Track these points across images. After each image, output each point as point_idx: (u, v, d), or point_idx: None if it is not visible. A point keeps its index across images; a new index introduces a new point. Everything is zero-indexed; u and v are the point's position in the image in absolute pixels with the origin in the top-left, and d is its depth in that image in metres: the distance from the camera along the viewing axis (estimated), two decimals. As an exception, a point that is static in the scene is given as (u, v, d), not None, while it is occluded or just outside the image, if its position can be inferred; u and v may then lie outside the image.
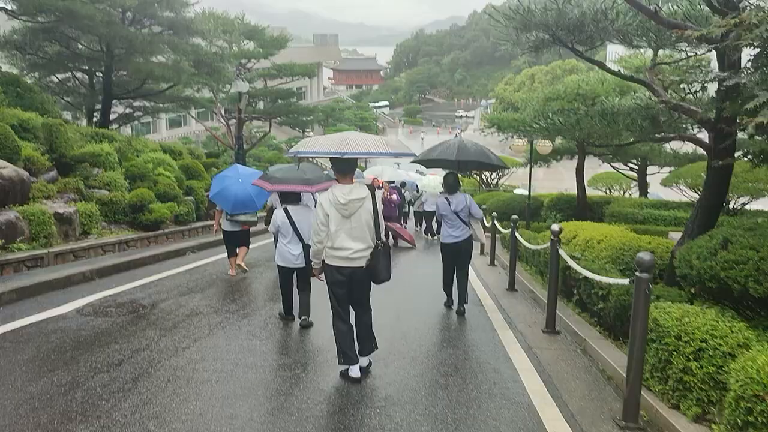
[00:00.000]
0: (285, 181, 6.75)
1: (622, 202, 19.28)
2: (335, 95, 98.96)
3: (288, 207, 6.72)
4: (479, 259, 13.72)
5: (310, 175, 6.75)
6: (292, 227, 6.58)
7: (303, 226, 6.53)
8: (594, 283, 6.63)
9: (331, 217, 4.85)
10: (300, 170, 6.90)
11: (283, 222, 6.63)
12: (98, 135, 15.88)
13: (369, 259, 4.89)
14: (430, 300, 8.66)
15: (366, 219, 4.89)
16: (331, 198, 4.87)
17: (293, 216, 6.61)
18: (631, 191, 33.74)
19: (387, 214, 16.00)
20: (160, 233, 13.09)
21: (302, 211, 6.69)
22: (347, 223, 4.85)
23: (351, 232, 4.86)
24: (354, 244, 4.86)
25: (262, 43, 31.36)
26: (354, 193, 4.86)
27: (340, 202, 4.82)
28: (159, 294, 8.15)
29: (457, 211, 7.71)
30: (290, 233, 6.62)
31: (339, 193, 4.86)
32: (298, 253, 6.60)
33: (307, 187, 6.60)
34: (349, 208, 4.84)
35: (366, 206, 4.89)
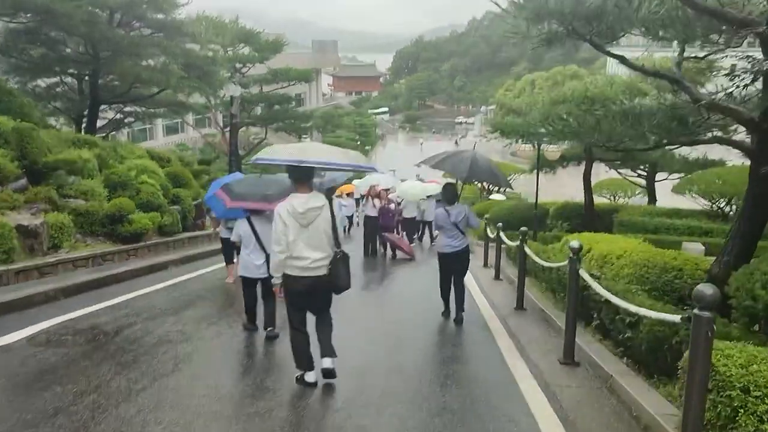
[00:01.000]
0: (245, 198, 6.69)
1: (631, 210, 18.41)
2: (334, 102, 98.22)
3: (251, 217, 6.66)
4: (483, 271, 12.86)
5: (272, 190, 6.63)
6: (254, 237, 6.55)
7: (266, 236, 6.37)
8: (620, 308, 5.74)
9: (289, 226, 4.82)
10: (262, 184, 6.87)
11: (245, 232, 6.60)
12: (79, 141, 15.01)
13: (328, 267, 4.91)
14: (428, 324, 7.79)
15: (324, 228, 4.91)
16: (288, 208, 4.84)
17: (256, 226, 6.58)
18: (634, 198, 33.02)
19: (385, 224, 15.11)
20: (142, 246, 12.22)
21: (265, 222, 6.52)
22: (305, 232, 4.84)
23: (309, 241, 4.85)
24: (312, 254, 4.86)
25: (258, 47, 30.55)
26: (311, 202, 4.86)
27: (298, 212, 4.81)
28: (127, 317, 7.26)
29: (456, 222, 7.77)
30: (252, 243, 6.58)
31: (296, 202, 4.85)
32: (260, 263, 6.55)
33: (266, 204, 6.45)
34: (307, 217, 4.83)
35: (324, 215, 4.91)
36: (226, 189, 7.14)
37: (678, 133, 6.65)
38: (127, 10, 18.74)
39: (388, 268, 13.36)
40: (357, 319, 7.76)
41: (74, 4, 15.11)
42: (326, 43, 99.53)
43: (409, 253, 14.74)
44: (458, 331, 7.48)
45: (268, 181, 7.04)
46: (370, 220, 15.23)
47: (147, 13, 19.33)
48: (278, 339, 6.31)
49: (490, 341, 6.94)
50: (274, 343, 6.35)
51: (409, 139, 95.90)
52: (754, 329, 4.80)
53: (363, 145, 74.70)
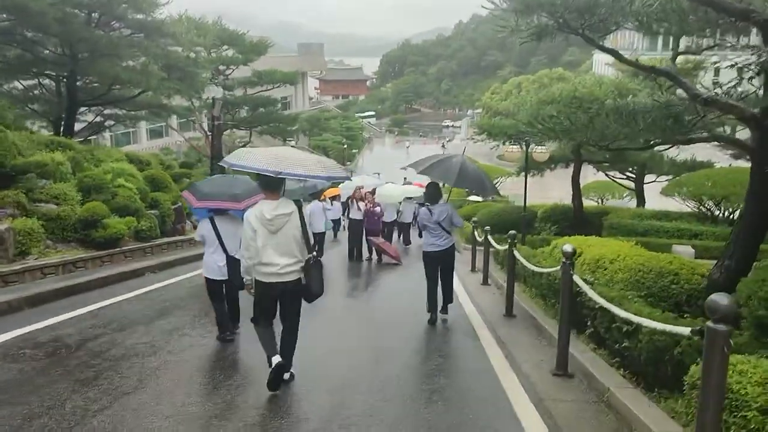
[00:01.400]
0: (212, 197, 6.49)
1: (620, 213, 18.18)
2: (321, 105, 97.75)
3: (214, 217, 6.53)
4: (471, 276, 12.53)
5: (239, 189, 6.50)
6: (216, 238, 6.43)
7: (228, 237, 6.42)
8: (617, 317, 5.40)
9: (257, 232, 4.81)
10: (229, 183, 6.72)
11: (208, 232, 6.47)
12: (54, 143, 14.51)
13: (300, 273, 4.94)
14: (414, 333, 7.42)
15: (293, 234, 4.90)
16: (257, 213, 4.84)
17: (219, 226, 6.45)
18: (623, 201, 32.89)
19: (370, 228, 14.73)
20: (117, 252, 11.74)
21: (228, 222, 6.52)
22: (274, 238, 4.84)
23: (278, 247, 4.85)
24: (281, 260, 4.85)
25: (242, 49, 30.11)
26: (280, 209, 4.85)
27: (266, 218, 4.80)
28: (94, 329, 6.83)
29: (440, 220, 7.79)
30: (215, 244, 6.47)
31: (265, 208, 4.84)
32: (222, 264, 6.45)
33: (235, 203, 6.35)
34: (275, 224, 4.82)
35: (293, 221, 4.90)
36: (192, 189, 6.90)
37: (673, 132, 6.34)
38: (105, 10, 18.24)
39: (374, 274, 12.98)
40: (339, 329, 7.38)
41: (48, 2, 14.61)
42: (312, 46, 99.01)
43: (395, 257, 14.36)
44: (446, 341, 7.13)
45: (236, 181, 6.88)
46: (355, 224, 14.85)
47: (126, 13, 18.82)
48: (251, 352, 5.89)
49: (479, 351, 6.58)
50: (247, 357, 5.95)
51: (396, 142, 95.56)
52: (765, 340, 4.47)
53: (350, 149, 74.33)
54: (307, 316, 8.16)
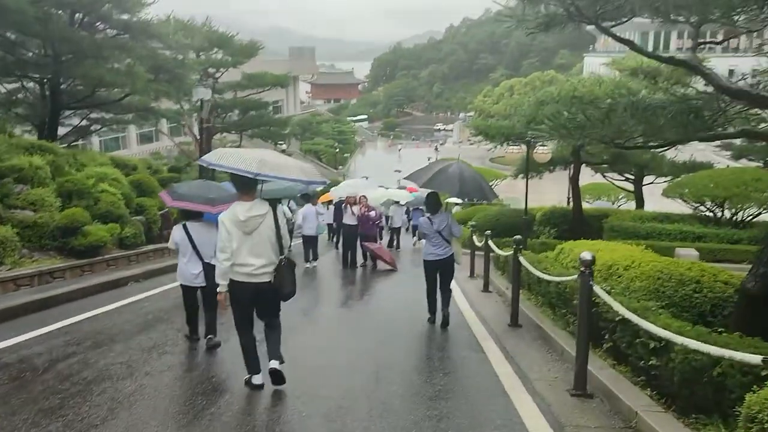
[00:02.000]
0: (188, 198, 6.37)
1: (621, 215, 17.72)
2: (312, 109, 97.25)
3: (187, 223, 6.37)
4: (470, 283, 12.01)
5: (214, 194, 6.41)
6: (190, 245, 6.30)
7: (202, 244, 6.29)
8: (641, 331, 4.90)
9: (232, 234, 4.84)
10: (206, 187, 6.65)
11: (182, 238, 6.35)
12: (34, 147, 13.91)
13: (273, 274, 4.94)
14: (414, 346, 6.90)
15: (268, 235, 4.93)
16: (231, 215, 4.87)
17: (192, 233, 6.32)
18: (619, 203, 32.52)
19: (365, 233, 14.19)
20: (99, 260, 11.16)
21: (203, 228, 6.38)
22: (249, 239, 4.86)
23: (252, 248, 4.88)
24: (256, 261, 4.89)
25: (231, 52, 29.53)
26: (254, 210, 4.88)
27: (239, 219, 4.83)
28: (66, 347, 6.25)
29: (440, 230, 7.95)
30: (189, 251, 6.34)
31: (239, 209, 4.87)
32: (198, 272, 6.35)
33: (209, 207, 6.21)
34: (249, 225, 4.85)
35: (267, 222, 4.92)
36: (169, 190, 6.88)
37: (695, 127, 5.84)
38: (88, 10, 17.64)
39: (369, 281, 12.44)
40: (334, 343, 6.84)
41: (27, 0, 14.01)
42: (304, 50, 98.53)
43: (390, 263, 13.83)
44: (450, 355, 6.59)
45: (213, 186, 6.85)
46: (349, 229, 14.30)
47: (110, 13, 18.23)
48: (236, 374, 5.34)
49: (486, 367, 6.05)
50: (231, 379, 5.39)
51: (389, 146, 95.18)
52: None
53: (342, 153, 73.83)
54: (300, 328, 7.67)
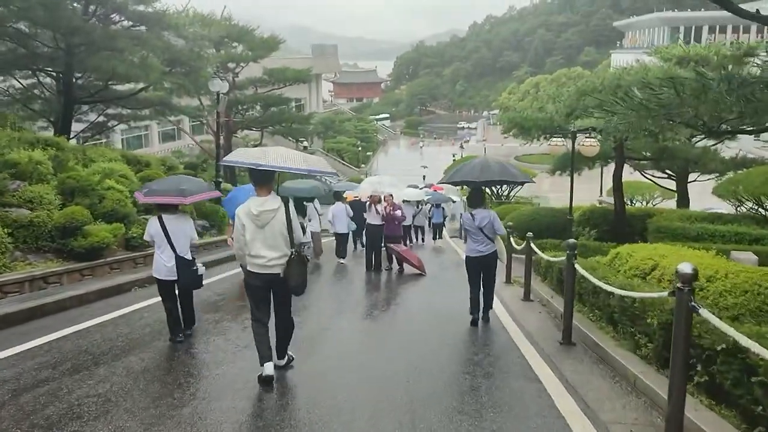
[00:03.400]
0: (159, 193, 6.37)
1: (667, 215, 16.35)
2: (335, 108, 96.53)
3: (162, 215, 6.34)
4: (508, 290, 10.84)
5: (186, 185, 6.43)
6: (165, 237, 6.28)
7: (177, 236, 6.32)
8: (761, 366, 3.73)
9: (246, 227, 5.07)
10: (176, 181, 6.68)
11: (156, 231, 6.32)
12: (40, 142, 13.10)
13: (283, 266, 5.11)
14: (451, 371, 5.78)
15: (279, 229, 5.10)
16: (245, 209, 5.08)
17: (167, 225, 6.29)
18: (654, 201, 31.03)
19: (390, 234, 13.08)
20: (101, 263, 10.22)
21: (178, 221, 6.39)
22: (261, 232, 5.06)
23: (265, 241, 5.08)
24: (268, 253, 5.09)
25: (251, 46, 28.65)
26: (266, 205, 5.06)
27: (252, 213, 5.03)
28: (39, 370, 5.26)
29: (481, 226, 7.80)
30: (164, 243, 6.31)
31: (253, 204, 5.07)
32: (171, 265, 6.32)
33: (181, 198, 6.23)
34: (262, 219, 5.04)
35: (278, 217, 5.09)
36: (143, 187, 6.98)
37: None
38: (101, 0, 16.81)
39: (395, 288, 11.33)
40: (356, 370, 5.74)
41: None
42: (326, 48, 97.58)
43: (418, 267, 12.71)
44: (498, 383, 5.46)
45: (186, 179, 6.90)
46: (374, 230, 13.20)
47: (125, 3, 17.39)
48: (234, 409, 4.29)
49: (545, 402, 4.91)
50: (230, 415, 4.34)
51: (411, 144, 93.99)
52: None
53: (364, 151, 72.89)
54: (316, 348, 6.63)
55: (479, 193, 8.18)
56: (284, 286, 5.14)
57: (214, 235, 16.77)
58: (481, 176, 8.14)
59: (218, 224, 17.29)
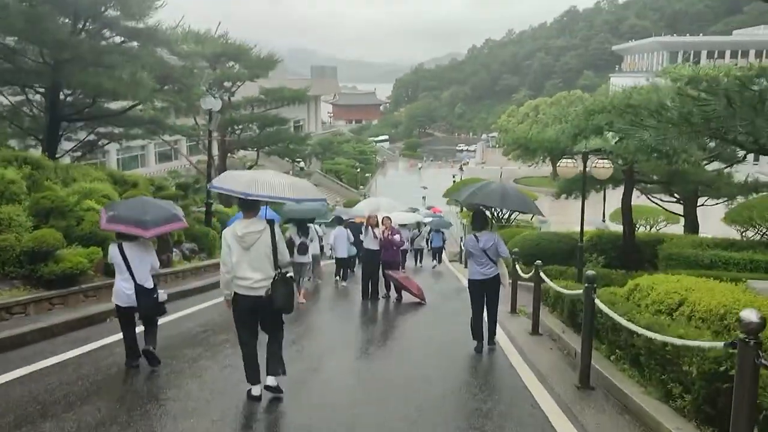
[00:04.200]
0: (120, 220, 6.19)
1: (678, 241, 15.63)
2: (334, 129, 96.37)
3: (123, 243, 6.25)
4: (513, 321, 10.07)
5: (150, 215, 6.20)
6: (125, 265, 6.19)
7: (137, 264, 6.23)
8: None
9: (232, 248, 5.20)
10: (141, 206, 6.42)
11: (116, 258, 6.24)
12: (18, 159, 12.40)
13: (268, 288, 5.17)
14: (463, 426, 4.99)
15: (264, 250, 5.21)
16: (231, 231, 5.25)
17: (127, 253, 6.21)
18: (659, 226, 30.39)
19: (388, 260, 12.32)
20: (75, 291, 9.43)
21: (138, 248, 6.30)
22: (247, 254, 5.18)
23: (251, 263, 5.18)
24: (254, 274, 5.18)
25: (248, 64, 28.12)
26: (252, 227, 5.20)
27: (238, 235, 5.17)
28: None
29: (485, 248, 7.74)
30: (124, 270, 6.24)
31: (239, 226, 5.23)
32: (131, 292, 6.24)
33: (141, 230, 6.08)
34: (247, 240, 5.16)
35: (263, 239, 5.20)
36: (108, 207, 6.72)
37: None
38: (90, 14, 16.21)
39: (393, 319, 10.54)
40: (348, 419, 4.95)
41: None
42: (326, 70, 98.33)
43: (418, 295, 11.94)
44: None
45: (152, 206, 6.52)
46: (370, 255, 12.43)
47: (115, 17, 16.81)
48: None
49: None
50: None
51: (410, 166, 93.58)
52: None
53: (363, 172, 72.33)
54: (302, 393, 5.83)
55: (483, 216, 8.11)
56: (270, 307, 5.20)
57: (204, 258, 16.00)
58: (502, 204, 8.28)
59: (208, 247, 16.53)
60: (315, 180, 60.80)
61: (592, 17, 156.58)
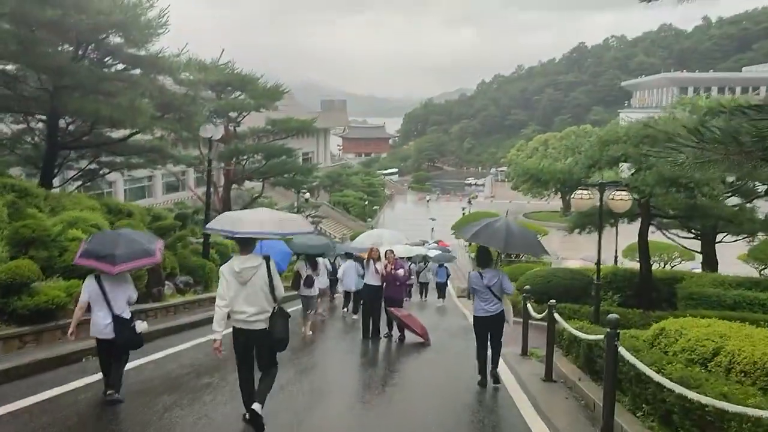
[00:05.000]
0: (91, 255, 6.16)
1: (698, 280, 14.81)
2: (343, 162, 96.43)
3: (101, 276, 6.23)
4: (525, 365, 9.30)
5: (121, 250, 6.17)
6: (102, 296, 6.18)
7: (115, 295, 6.23)
8: None
9: (229, 283, 5.38)
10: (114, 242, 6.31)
11: (94, 290, 6.22)
12: (6, 187, 11.91)
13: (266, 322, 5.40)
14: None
15: (260, 285, 5.40)
16: (229, 267, 5.42)
17: (105, 285, 6.21)
18: (673, 263, 29.56)
19: (390, 297, 11.59)
20: (51, 327, 8.76)
21: (116, 280, 6.27)
22: (244, 289, 5.36)
23: (247, 297, 5.37)
24: (250, 308, 5.36)
25: (254, 95, 27.82)
26: (248, 263, 5.40)
27: (235, 270, 5.36)
28: None
29: (490, 285, 7.73)
30: (101, 302, 6.20)
31: (236, 262, 5.42)
32: (107, 323, 6.20)
33: (109, 266, 5.99)
34: (244, 276, 5.35)
35: (260, 274, 5.39)
36: (87, 240, 6.57)
37: None
38: (90, 37, 15.85)
39: (394, 362, 9.74)
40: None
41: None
42: (335, 102, 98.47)
43: (422, 335, 11.16)
44: None
45: (125, 240, 6.43)
46: (371, 291, 11.69)
47: (113, 42, 16.46)
48: None
49: None
50: None
51: (419, 199, 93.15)
52: None
53: (371, 205, 71.86)
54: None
55: (488, 253, 8.01)
56: (265, 341, 5.42)
57: (200, 292, 15.32)
58: (505, 246, 7.84)
59: (205, 280, 15.86)
60: (323, 212, 60.34)
61: (601, 54, 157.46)
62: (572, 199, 11.66)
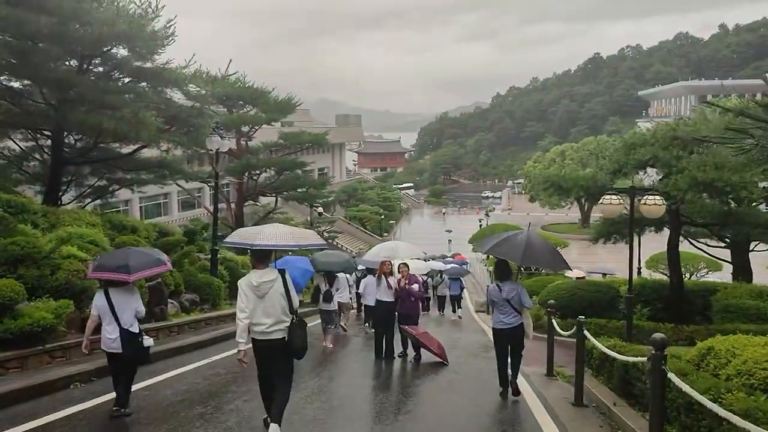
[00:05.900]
0: (104, 268, 6.37)
1: (733, 291, 13.88)
2: (358, 176, 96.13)
3: (109, 289, 6.34)
4: (551, 388, 8.52)
5: (134, 261, 6.36)
6: (110, 310, 6.27)
7: (122, 309, 6.32)
8: None
9: (248, 297, 5.62)
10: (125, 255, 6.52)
11: (102, 305, 6.30)
12: (1, 201, 11.40)
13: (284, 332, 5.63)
14: None
15: (277, 298, 5.64)
16: (247, 281, 5.68)
17: (113, 298, 6.31)
18: (699, 274, 28.46)
19: (405, 314, 10.81)
20: (37, 351, 8.14)
21: (124, 294, 6.38)
22: (262, 302, 5.61)
23: (265, 309, 5.61)
24: (268, 320, 5.61)
25: (266, 108, 27.38)
26: (265, 277, 5.65)
27: (253, 284, 5.62)
28: None
29: (509, 298, 7.69)
30: (109, 316, 6.28)
31: (254, 276, 5.67)
32: (115, 337, 6.28)
33: (125, 275, 6.19)
34: (261, 289, 5.61)
35: (276, 287, 5.65)
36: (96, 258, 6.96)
37: None
38: (95, 50, 15.44)
39: (409, 384, 8.96)
40: None
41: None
42: (350, 117, 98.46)
43: (439, 354, 10.39)
44: None
45: (136, 253, 6.75)
46: (384, 307, 10.94)
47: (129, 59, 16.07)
48: None
49: None
50: None
51: (435, 213, 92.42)
52: None
53: (387, 219, 71.22)
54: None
55: (506, 266, 7.96)
56: (283, 352, 5.65)
57: (207, 310, 14.69)
58: (524, 259, 7.73)
59: (213, 298, 15.23)
60: (338, 226, 59.83)
61: (617, 64, 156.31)
62: (600, 205, 10.85)
